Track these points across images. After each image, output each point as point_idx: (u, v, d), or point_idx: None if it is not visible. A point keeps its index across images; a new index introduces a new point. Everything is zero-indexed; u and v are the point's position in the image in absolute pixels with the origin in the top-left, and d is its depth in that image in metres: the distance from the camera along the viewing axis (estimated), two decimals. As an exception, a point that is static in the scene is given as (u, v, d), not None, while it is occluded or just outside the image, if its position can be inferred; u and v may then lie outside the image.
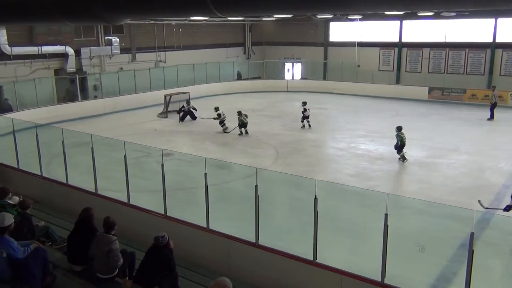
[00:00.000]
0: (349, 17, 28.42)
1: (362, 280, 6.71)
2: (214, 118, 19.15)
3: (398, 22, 29.25)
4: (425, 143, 17.09)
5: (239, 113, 18.45)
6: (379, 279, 6.57)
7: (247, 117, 18.50)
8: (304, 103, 19.96)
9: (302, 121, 19.74)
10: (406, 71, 29.72)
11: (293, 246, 7.94)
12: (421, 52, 29.09)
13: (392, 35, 29.83)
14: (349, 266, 7.06)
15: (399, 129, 14.99)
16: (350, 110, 24.05)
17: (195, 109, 21.55)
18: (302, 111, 19.74)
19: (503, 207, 9.26)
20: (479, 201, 8.67)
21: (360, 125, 20.12)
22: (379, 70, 30.20)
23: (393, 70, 30.06)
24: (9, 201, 7.33)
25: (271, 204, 10.17)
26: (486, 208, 8.71)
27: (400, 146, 14.70)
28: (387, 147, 16.58)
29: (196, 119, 21.33)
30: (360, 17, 28.25)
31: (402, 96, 26.72)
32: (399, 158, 14.76)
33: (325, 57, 32.66)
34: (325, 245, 7.49)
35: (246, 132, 18.37)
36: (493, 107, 21.36)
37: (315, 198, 7.01)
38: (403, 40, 29.53)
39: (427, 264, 8.42)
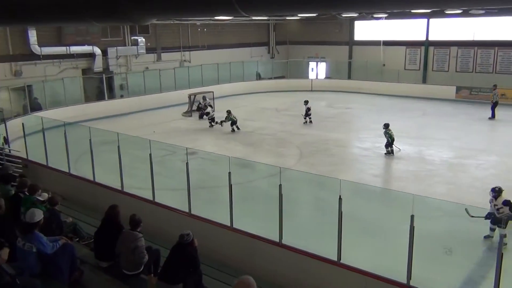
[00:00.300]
0: (375, 16, 28.07)
1: (387, 282, 6.62)
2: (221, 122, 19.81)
3: (425, 20, 28.70)
4: (453, 144, 16.76)
5: (229, 112, 19.32)
6: (404, 281, 6.48)
7: (235, 117, 19.33)
8: (306, 102, 20.67)
9: (305, 118, 20.42)
10: (433, 70, 29.17)
11: (316, 246, 7.90)
12: (449, 50, 28.50)
13: (418, 34, 29.30)
14: (373, 268, 6.98)
15: (386, 126, 15.43)
16: (375, 109, 23.75)
17: (211, 106, 21.65)
18: (306, 110, 20.43)
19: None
20: (465, 209, 8.40)
21: (385, 125, 19.83)
22: (405, 69, 29.73)
23: (419, 69, 29.55)
24: (39, 198, 7.48)
25: (295, 203, 10.13)
26: (472, 216, 8.45)
27: (390, 143, 15.20)
28: (413, 147, 16.34)
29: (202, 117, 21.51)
30: (385, 15, 27.86)
31: (428, 96, 26.26)
32: (385, 153, 15.18)
33: (350, 56, 32.35)
34: (349, 246, 7.42)
35: (238, 128, 19.17)
36: (494, 106, 21.16)
37: (340, 198, 6.95)
38: (430, 38, 28.98)
39: (454, 267, 8.28)
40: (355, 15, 27.46)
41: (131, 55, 25.86)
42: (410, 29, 29.59)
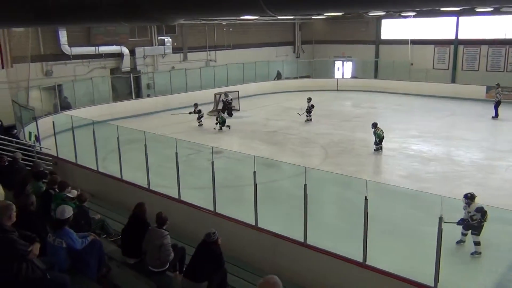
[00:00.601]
0: (402, 14, 27.62)
1: (413, 285, 6.52)
2: (190, 113, 20.44)
3: (454, 18, 28.08)
4: (482, 145, 16.37)
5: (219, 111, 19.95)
6: (432, 284, 6.37)
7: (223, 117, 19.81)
8: (309, 99, 20.95)
9: (307, 115, 20.55)
10: (462, 69, 28.50)
11: (341, 247, 7.84)
12: (479, 49, 27.80)
13: (447, 32, 28.68)
14: (399, 270, 6.89)
15: (374, 125, 15.71)
16: (402, 109, 23.41)
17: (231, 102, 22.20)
18: (310, 106, 20.67)
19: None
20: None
21: (412, 125, 19.55)
22: (433, 68, 29.16)
23: (448, 69, 28.92)
24: (68, 194, 7.65)
25: (320, 203, 10.08)
26: (445, 222, 8.18)
27: (378, 143, 15.51)
28: (441, 148, 16.05)
29: (232, 115, 21.93)
30: (414, 14, 27.37)
31: (457, 96, 25.70)
32: (374, 150, 15.49)
33: (377, 55, 31.94)
34: (375, 247, 7.34)
35: (228, 127, 19.52)
36: (497, 105, 20.89)
37: (366, 199, 6.88)
38: (460, 37, 28.32)
39: (484, 271, 8.09)
40: (383, 13, 27.08)
41: (158, 55, 26.19)
42: (439, 27, 29.00)
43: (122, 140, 11.38)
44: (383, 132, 15.60)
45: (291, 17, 31.36)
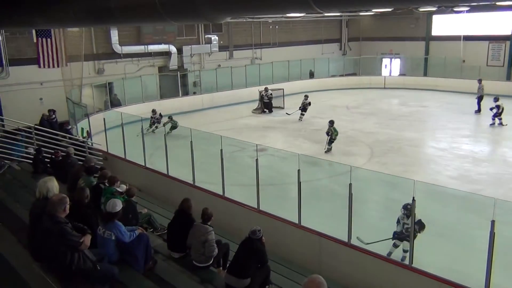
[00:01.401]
0: (455, 9, 26.60)
1: (462, 290, 6.30)
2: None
3: (510, 12, 26.77)
4: (540, 146, 15.55)
5: (170, 117, 18.23)
6: (482, 290, 6.12)
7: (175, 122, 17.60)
8: (306, 97, 20.64)
9: (302, 114, 20.36)
10: (518, 66, 27.18)
11: (387, 249, 7.68)
12: (537, 45, 26.42)
13: (503, 28, 27.36)
14: (448, 274, 6.67)
15: (332, 123, 15.63)
16: (453, 108, 22.57)
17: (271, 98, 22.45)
18: (307, 104, 20.35)
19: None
20: (357, 238, 7.59)
21: (464, 124, 18.82)
22: (487, 65, 27.90)
23: (503, 66, 27.59)
24: (118, 189, 7.89)
25: (364, 203, 9.90)
26: (367, 243, 7.65)
27: (331, 141, 15.46)
28: (494, 148, 15.39)
29: (272, 111, 21.98)
30: (467, 8, 26.29)
31: (513, 94, 24.50)
32: (325, 151, 15.31)
33: (426, 52, 30.94)
34: (422, 250, 7.15)
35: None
36: (479, 100, 20.95)
37: (413, 199, 6.71)
38: (516, 32, 27.01)
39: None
40: (434, 9, 26.18)
41: (205, 53, 26.56)
42: (493, 22, 27.72)
43: (168, 137, 11.62)
44: (336, 132, 15.60)
45: (338, 14, 30.94)
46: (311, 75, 29.90)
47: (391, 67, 32.50)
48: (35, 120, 15.41)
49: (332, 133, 15.46)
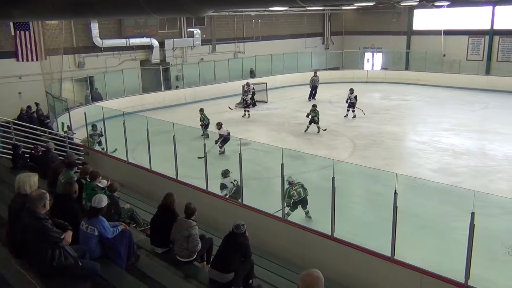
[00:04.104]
0: (436, 4, 26.88)
1: (443, 281, 6.40)
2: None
3: (490, 7, 27.19)
4: (518, 139, 15.85)
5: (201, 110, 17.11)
6: (462, 281, 6.23)
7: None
8: (352, 90, 19.68)
9: (350, 110, 19.54)
10: (497, 60, 27.59)
11: (369, 241, 7.75)
12: (516, 39, 26.88)
13: (482, 22, 27.76)
14: (429, 265, 6.77)
15: (202, 110, 16.76)
16: (434, 102, 22.87)
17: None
18: (354, 98, 19.39)
19: None
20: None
21: (444, 118, 19.08)
22: (467, 59, 28.34)
23: (482, 60, 28.04)
24: (99, 184, 7.79)
25: (347, 196, 9.97)
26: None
27: (206, 126, 16.22)
28: (474, 142, 15.64)
29: (256, 105, 21.59)
30: (448, 3, 26.60)
31: (492, 88, 24.90)
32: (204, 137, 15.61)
33: (408, 47, 31.25)
34: (404, 242, 7.23)
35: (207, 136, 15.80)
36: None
37: (395, 192, 6.77)
38: (495, 27, 27.38)
39: (517, 268, 7.86)
40: (415, 3, 26.40)
41: (187, 47, 26.36)
42: (473, 17, 28.12)
43: (151, 131, 11.52)
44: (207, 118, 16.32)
45: (321, 8, 30.99)
46: (252, 74, 27.56)
47: (373, 61, 32.75)
48: (13, 114, 15.12)
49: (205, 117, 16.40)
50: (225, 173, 10.25)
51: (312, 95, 24.01)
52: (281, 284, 6.80)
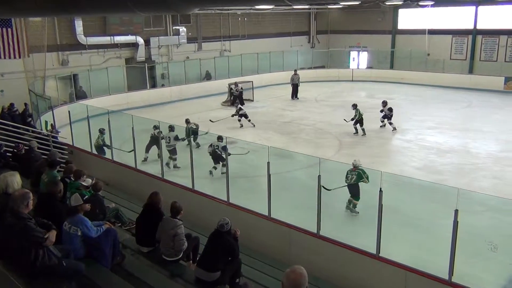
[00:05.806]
0: (420, 4, 27.15)
1: (428, 277, 6.48)
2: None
3: (473, 7, 27.56)
4: (500, 137, 16.10)
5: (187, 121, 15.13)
6: (446, 277, 6.31)
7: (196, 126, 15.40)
8: (385, 103, 18.05)
9: (385, 122, 17.83)
10: (480, 60, 27.99)
11: (355, 239, 7.81)
12: (498, 39, 27.24)
13: (466, 22, 28.13)
14: (414, 262, 6.85)
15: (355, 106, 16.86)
16: (419, 100, 23.10)
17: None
18: (388, 111, 17.70)
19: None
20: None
21: (429, 116, 19.29)
22: (450, 59, 28.69)
23: (466, 59, 28.42)
24: (83, 183, 7.69)
25: (333, 195, 10.02)
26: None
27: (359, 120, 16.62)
28: (458, 140, 15.83)
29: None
30: (432, 3, 26.89)
31: (475, 87, 25.25)
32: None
33: (393, 46, 31.52)
34: (389, 239, 7.29)
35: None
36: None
37: (380, 190, 6.83)
38: (478, 27, 27.76)
39: (499, 264, 7.97)
40: (400, 3, 26.64)
41: (173, 45, 26.20)
42: (457, 17, 28.47)
43: (137, 130, 11.44)
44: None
45: (307, 7, 31.06)
46: (208, 76, 26.51)
47: (358, 60, 32.96)
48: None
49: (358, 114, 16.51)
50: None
51: (295, 94, 24.02)
52: (267, 282, 6.81)
